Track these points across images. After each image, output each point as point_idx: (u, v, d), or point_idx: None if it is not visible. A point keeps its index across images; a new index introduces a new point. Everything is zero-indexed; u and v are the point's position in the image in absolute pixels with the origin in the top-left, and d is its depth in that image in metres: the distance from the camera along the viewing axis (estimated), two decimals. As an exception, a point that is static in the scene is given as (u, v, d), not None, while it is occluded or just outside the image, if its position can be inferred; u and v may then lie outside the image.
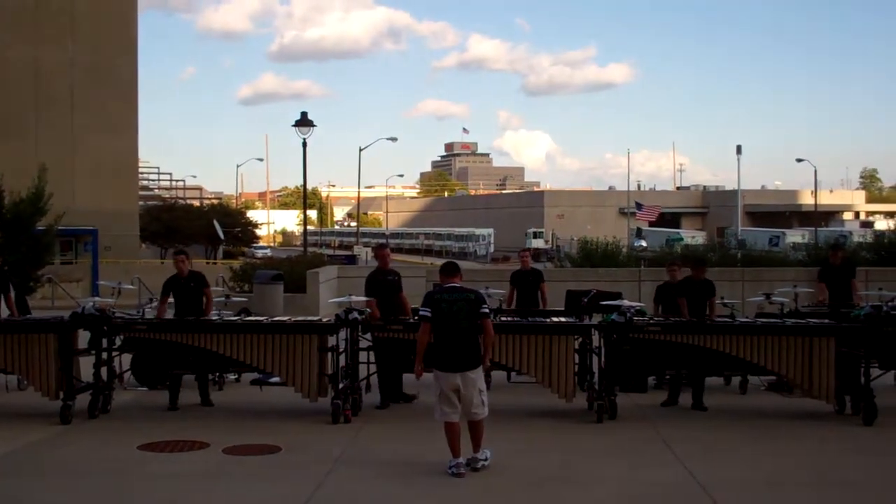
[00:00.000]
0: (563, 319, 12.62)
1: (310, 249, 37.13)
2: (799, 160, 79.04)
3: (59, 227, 26.54)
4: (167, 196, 75.52)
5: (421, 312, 9.36)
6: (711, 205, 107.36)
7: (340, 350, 11.80)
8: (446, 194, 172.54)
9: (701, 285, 13.25)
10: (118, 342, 12.46)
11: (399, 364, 12.47)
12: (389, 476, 9.00)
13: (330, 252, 76.31)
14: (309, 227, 44.69)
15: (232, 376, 14.24)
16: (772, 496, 8.46)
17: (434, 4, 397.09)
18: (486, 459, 9.14)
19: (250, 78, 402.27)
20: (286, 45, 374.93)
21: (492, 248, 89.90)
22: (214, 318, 12.70)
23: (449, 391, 9.02)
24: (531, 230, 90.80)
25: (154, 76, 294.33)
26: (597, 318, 12.99)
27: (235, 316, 13.61)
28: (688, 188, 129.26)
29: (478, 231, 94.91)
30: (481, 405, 9.10)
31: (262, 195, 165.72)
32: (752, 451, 10.09)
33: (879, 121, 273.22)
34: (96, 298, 12.54)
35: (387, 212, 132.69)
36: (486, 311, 9.30)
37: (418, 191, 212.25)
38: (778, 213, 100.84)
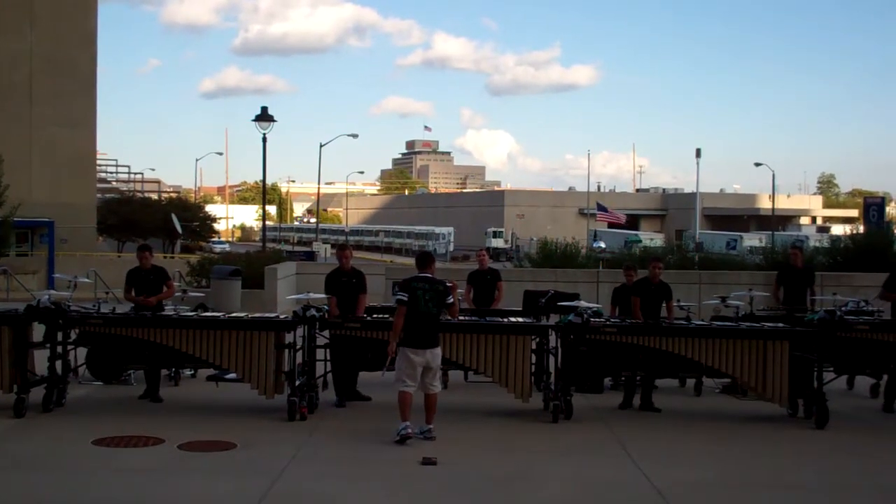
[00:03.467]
0: (520, 319, 12.67)
1: (268, 245, 36.94)
2: (757, 164, 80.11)
3: (15, 219, 26.30)
4: (125, 189, 74.97)
5: (399, 297, 10.47)
6: (670, 207, 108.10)
7: (298, 347, 11.78)
8: (407, 192, 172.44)
9: (657, 288, 13.41)
10: (73, 336, 12.37)
11: (355, 362, 12.47)
12: (344, 473, 9.02)
13: (289, 248, 75.93)
14: (268, 223, 44.52)
15: (188, 372, 14.19)
16: (725, 497, 8.55)
17: (401, 2, 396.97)
18: (433, 433, 10.30)
19: (213, 71, 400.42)
20: (251, 39, 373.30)
21: (451, 247, 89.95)
22: (171, 313, 12.63)
23: (417, 366, 10.30)
24: (491, 229, 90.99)
25: (116, 68, 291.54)
26: (554, 319, 13.06)
27: (192, 311, 13.54)
28: (647, 190, 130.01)
29: (438, 229, 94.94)
30: (438, 381, 10.65)
31: (220, 189, 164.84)
32: (706, 453, 10.20)
33: (838, 127, 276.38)
34: (52, 291, 12.42)
35: (347, 209, 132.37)
36: (452, 300, 10.69)
37: (379, 188, 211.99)
38: (736, 216, 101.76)
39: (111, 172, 79.85)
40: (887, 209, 56.54)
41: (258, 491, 8.27)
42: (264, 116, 31.71)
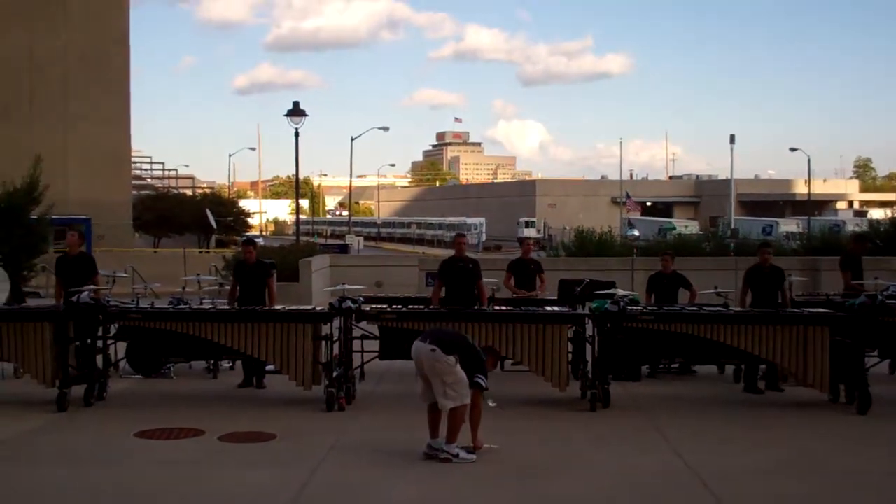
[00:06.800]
0: (556, 308, 12.66)
1: (302, 238, 37.04)
2: (793, 149, 78.94)
3: (53, 217, 26.47)
4: (160, 185, 75.24)
5: None
6: (704, 194, 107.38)
7: (334, 339, 11.83)
8: (438, 184, 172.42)
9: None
10: (113, 331, 12.47)
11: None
12: (382, 464, 9.03)
13: (322, 241, 76.02)
14: (301, 217, 44.67)
15: (226, 364, 14.28)
16: (764, 484, 8.48)
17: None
18: (443, 451, 9.03)
19: (246, 68, 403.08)
20: (283, 35, 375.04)
21: (483, 237, 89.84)
22: (208, 306, 12.72)
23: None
24: (523, 219, 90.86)
25: (152, 65, 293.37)
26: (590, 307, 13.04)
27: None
28: (681, 177, 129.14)
29: (469, 220, 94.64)
30: (443, 395, 9.01)
31: (254, 184, 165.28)
32: (746, 439, 10.14)
33: (874, 110, 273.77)
34: (91, 287, 12.52)
35: (378, 201, 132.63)
36: None
37: (410, 180, 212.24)
38: (771, 202, 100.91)
39: (146, 169, 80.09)
40: (925, 192, 55.87)
41: (298, 481, 8.31)
42: (296, 111, 31.85)
